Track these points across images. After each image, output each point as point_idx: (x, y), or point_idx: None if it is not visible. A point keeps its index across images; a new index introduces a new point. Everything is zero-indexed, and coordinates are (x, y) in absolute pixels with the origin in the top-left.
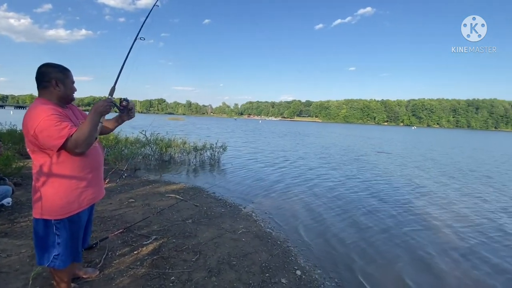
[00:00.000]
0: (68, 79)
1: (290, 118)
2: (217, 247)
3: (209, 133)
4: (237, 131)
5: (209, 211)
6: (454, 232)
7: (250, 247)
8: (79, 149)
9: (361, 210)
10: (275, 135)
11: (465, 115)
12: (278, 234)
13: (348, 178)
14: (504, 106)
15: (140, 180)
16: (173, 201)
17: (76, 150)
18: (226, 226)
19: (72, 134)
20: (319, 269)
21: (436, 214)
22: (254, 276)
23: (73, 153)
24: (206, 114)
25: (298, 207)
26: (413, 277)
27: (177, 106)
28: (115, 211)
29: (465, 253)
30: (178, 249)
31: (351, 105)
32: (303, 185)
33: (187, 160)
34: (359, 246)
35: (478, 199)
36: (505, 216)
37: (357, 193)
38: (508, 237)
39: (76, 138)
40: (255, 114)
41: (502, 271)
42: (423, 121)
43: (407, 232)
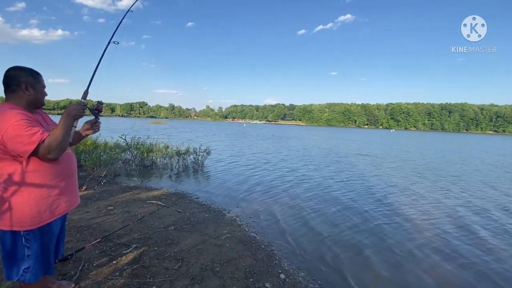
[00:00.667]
0: (39, 83)
1: (274, 122)
2: (200, 254)
3: (192, 137)
4: (221, 134)
5: (192, 217)
6: (440, 231)
7: (234, 253)
8: (52, 155)
9: (343, 212)
10: (259, 138)
11: (439, 118)
12: (263, 238)
13: (330, 180)
14: (473, 110)
15: (120, 186)
16: (155, 208)
17: (49, 156)
18: (209, 232)
19: (44, 139)
20: (303, 272)
21: (417, 213)
22: (238, 281)
23: (46, 160)
24: (190, 117)
25: (283, 210)
26: (393, 277)
27: (159, 110)
28: (93, 219)
29: (442, 250)
30: (160, 257)
31: (333, 109)
32: (287, 187)
33: (169, 164)
34: (341, 247)
35: (445, 196)
36: (465, 210)
37: (340, 194)
38: (465, 228)
39: (49, 143)
40: (240, 118)
41: (455, 258)
42: (401, 124)
43: (386, 232)
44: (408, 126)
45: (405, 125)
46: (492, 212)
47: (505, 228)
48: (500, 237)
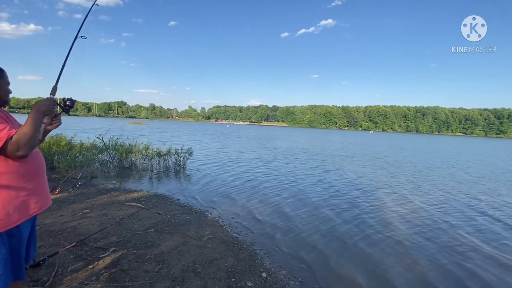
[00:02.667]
0: (3, 80)
1: (257, 123)
2: (182, 255)
3: (174, 138)
4: (204, 135)
5: (173, 218)
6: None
7: (216, 253)
8: (21, 152)
9: (324, 210)
10: (242, 139)
11: (414, 121)
12: (245, 238)
13: (311, 179)
14: (445, 113)
15: (97, 188)
16: (134, 210)
17: (18, 153)
18: (191, 233)
19: (12, 136)
20: (284, 270)
21: (394, 208)
22: (220, 281)
23: (15, 157)
24: (171, 118)
25: (265, 210)
26: (370, 271)
27: (139, 110)
28: (67, 223)
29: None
30: (139, 260)
31: (314, 111)
32: (269, 187)
33: (150, 166)
34: (321, 244)
35: (416, 191)
36: (414, 195)
37: (320, 193)
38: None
39: (18, 139)
40: (223, 119)
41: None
42: (379, 126)
43: (363, 226)
44: (385, 128)
45: (383, 127)
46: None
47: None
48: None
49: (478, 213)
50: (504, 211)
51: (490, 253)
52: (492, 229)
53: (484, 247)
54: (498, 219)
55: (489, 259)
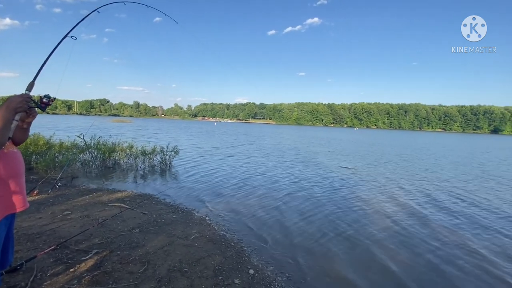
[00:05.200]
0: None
1: (245, 120)
2: (168, 255)
3: (160, 136)
4: (191, 133)
5: (159, 218)
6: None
7: (203, 252)
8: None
9: (309, 205)
10: (230, 137)
11: (397, 118)
12: (232, 235)
13: (298, 176)
14: (426, 110)
15: (78, 189)
16: (118, 211)
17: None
18: (177, 233)
19: None
20: (271, 266)
21: (376, 202)
22: (207, 280)
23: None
24: (157, 116)
25: (252, 207)
26: (350, 268)
27: (123, 107)
28: (46, 226)
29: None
30: (124, 262)
31: (301, 108)
32: (256, 184)
33: (134, 165)
34: (307, 239)
35: (398, 184)
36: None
37: (305, 189)
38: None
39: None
40: (210, 116)
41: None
42: (363, 122)
43: (346, 220)
44: (369, 125)
45: (367, 123)
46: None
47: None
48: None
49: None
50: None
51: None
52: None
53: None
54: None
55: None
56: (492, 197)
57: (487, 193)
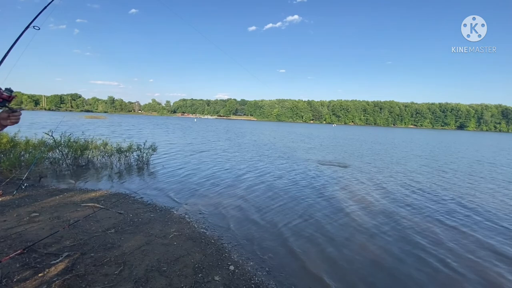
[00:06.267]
0: None
1: (226, 117)
2: (145, 255)
3: (137, 133)
4: (170, 130)
5: (136, 217)
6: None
7: (182, 250)
8: None
9: (288, 200)
10: (210, 133)
11: (372, 114)
12: (212, 233)
13: (277, 171)
14: (399, 107)
15: (47, 190)
16: (91, 211)
17: None
18: (155, 232)
19: None
20: (252, 261)
21: (351, 196)
22: (187, 278)
23: None
24: (133, 111)
25: (232, 203)
26: (333, 257)
27: (96, 103)
28: (12, 229)
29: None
30: (98, 264)
31: (282, 105)
32: (235, 180)
33: (109, 163)
34: (286, 233)
35: (370, 176)
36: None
37: (283, 184)
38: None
39: None
40: (190, 112)
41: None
42: (341, 119)
43: (326, 216)
44: (347, 121)
45: (345, 120)
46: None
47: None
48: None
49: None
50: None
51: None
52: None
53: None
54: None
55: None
56: (443, 186)
57: (441, 183)
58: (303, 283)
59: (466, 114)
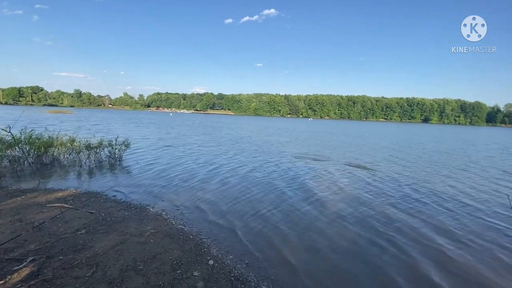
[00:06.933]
0: None
1: (203, 111)
2: (120, 255)
3: (105, 127)
4: (145, 125)
5: (108, 216)
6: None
7: (159, 248)
8: None
9: (265, 192)
10: (186, 128)
11: (346, 109)
12: (191, 228)
13: (253, 164)
14: (371, 101)
15: (7, 191)
16: (58, 212)
17: None
18: (130, 230)
19: None
20: (231, 255)
21: (324, 188)
22: (164, 276)
23: None
24: (104, 106)
25: (210, 198)
26: (303, 248)
27: (61, 96)
28: None
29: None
30: (67, 266)
31: (260, 99)
32: (212, 174)
33: (77, 161)
34: (265, 225)
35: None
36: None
37: (261, 176)
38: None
39: None
40: (165, 107)
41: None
42: (317, 113)
43: (302, 207)
44: (323, 115)
45: (321, 114)
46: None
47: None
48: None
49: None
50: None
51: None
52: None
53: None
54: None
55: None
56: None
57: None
58: (282, 273)
59: (430, 108)
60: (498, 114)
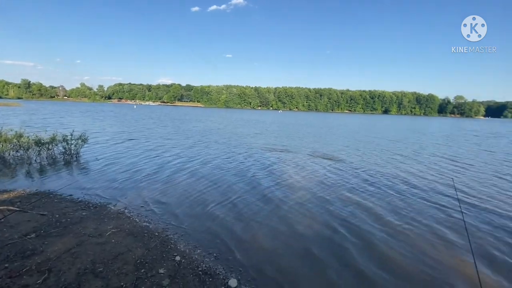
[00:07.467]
0: None
1: (170, 103)
2: (76, 258)
3: (62, 122)
4: (104, 118)
5: (63, 218)
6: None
7: (122, 247)
8: None
9: (231, 184)
10: (151, 121)
11: (314, 101)
12: (156, 225)
13: (220, 158)
14: (337, 94)
15: None
16: (1, 215)
17: None
18: (89, 231)
19: None
20: (199, 249)
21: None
22: (127, 276)
23: None
24: (58, 97)
25: (175, 193)
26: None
27: (6, 87)
28: None
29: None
30: (14, 274)
31: (230, 91)
32: (178, 168)
33: (26, 158)
34: (233, 216)
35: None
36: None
37: (227, 169)
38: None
39: None
40: (128, 98)
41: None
42: (287, 105)
43: (265, 195)
44: (292, 107)
45: (290, 106)
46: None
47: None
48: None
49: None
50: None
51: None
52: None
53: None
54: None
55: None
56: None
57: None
58: (251, 263)
59: (390, 100)
60: (448, 105)
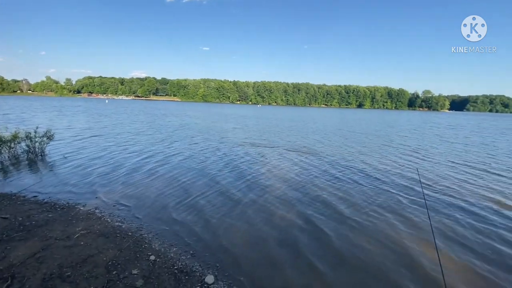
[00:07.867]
0: None
1: (145, 97)
2: (42, 263)
3: (23, 118)
4: (73, 113)
5: (27, 221)
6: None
7: (91, 249)
8: None
9: (207, 179)
10: (123, 116)
11: (292, 95)
12: (129, 225)
13: (194, 152)
14: (314, 89)
15: None
16: None
17: None
18: (55, 234)
19: None
20: (175, 247)
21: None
22: (97, 279)
23: None
24: (21, 92)
25: (149, 190)
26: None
27: None
28: None
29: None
30: None
31: (208, 85)
32: (151, 166)
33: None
34: (209, 212)
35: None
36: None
37: (202, 164)
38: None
39: None
40: (99, 93)
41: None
42: (266, 100)
43: (241, 190)
44: (271, 102)
45: (269, 101)
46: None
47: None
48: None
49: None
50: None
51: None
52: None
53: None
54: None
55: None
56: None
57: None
58: (228, 259)
59: (364, 95)
60: (417, 99)
